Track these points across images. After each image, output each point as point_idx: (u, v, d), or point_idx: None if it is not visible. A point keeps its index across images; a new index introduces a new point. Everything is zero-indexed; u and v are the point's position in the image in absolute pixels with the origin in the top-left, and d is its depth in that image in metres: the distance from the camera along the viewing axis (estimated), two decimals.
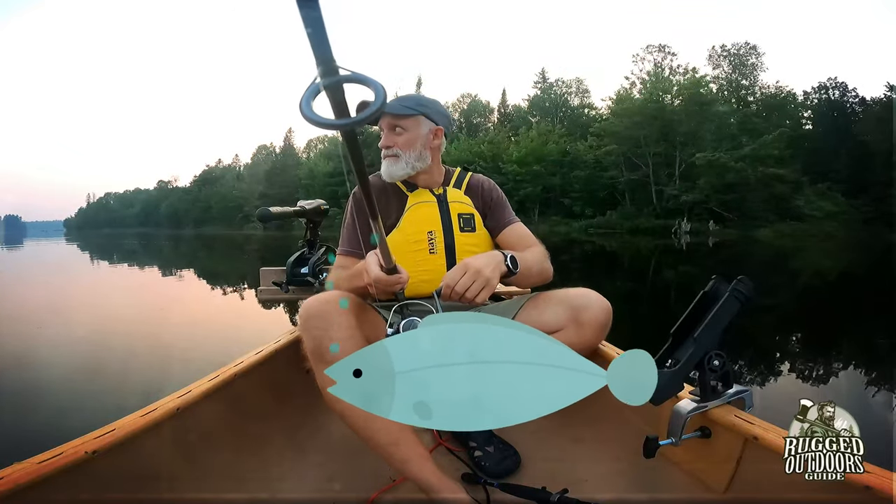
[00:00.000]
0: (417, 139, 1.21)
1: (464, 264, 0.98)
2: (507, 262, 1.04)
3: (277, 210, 1.72)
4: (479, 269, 0.97)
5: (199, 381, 1.07)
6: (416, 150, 1.21)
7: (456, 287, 0.95)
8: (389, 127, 1.21)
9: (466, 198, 1.30)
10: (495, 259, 1.02)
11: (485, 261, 1.00)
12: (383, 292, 0.97)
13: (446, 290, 0.96)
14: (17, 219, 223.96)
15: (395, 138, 1.20)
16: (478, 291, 0.96)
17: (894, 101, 26.20)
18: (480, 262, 0.99)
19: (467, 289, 0.95)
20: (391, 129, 1.21)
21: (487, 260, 1.01)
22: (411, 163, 1.21)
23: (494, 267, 1.00)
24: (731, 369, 0.90)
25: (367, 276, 0.95)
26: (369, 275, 0.94)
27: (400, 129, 1.20)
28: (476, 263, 0.98)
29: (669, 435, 0.88)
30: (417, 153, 1.21)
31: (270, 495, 1.05)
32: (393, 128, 1.20)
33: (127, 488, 0.84)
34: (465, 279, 0.96)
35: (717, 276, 0.91)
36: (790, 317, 5.04)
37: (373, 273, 0.93)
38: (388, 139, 1.21)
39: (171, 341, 3.93)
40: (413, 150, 1.21)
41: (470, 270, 0.97)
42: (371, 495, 1.01)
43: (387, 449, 0.92)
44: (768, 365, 3.18)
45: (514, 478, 1.09)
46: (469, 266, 0.97)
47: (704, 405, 0.89)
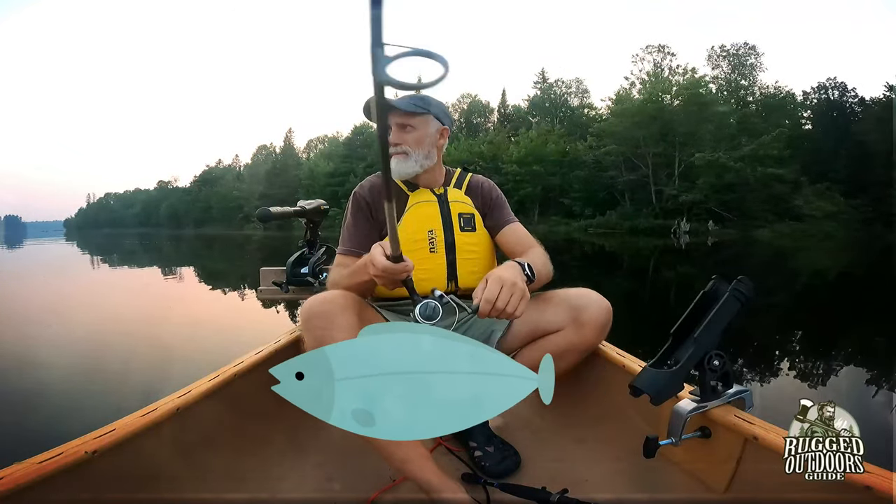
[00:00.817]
0: (426, 138, 1.21)
1: (499, 279, 0.93)
2: (526, 271, 1.02)
3: (277, 210, 1.72)
4: (515, 281, 0.93)
5: (199, 381, 1.07)
6: (425, 148, 1.21)
7: (498, 303, 0.90)
8: (399, 125, 1.19)
9: (467, 198, 1.30)
10: (518, 269, 1.00)
11: (515, 272, 0.97)
12: (390, 282, 0.92)
13: (485, 306, 0.90)
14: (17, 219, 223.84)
15: (405, 136, 1.19)
16: (517, 304, 0.91)
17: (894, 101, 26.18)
18: (512, 273, 0.95)
19: (507, 303, 0.91)
20: (401, 127, 1.19)
21: (516, 271, 0.98)
22: (420, 161, 1.21)
23: (521, 276, 0.97)
24: (731, 369, 0.89)
25: (372, 268, 0.90)
26: (376, 265, 0.89)
27: (410, 127, 1.19)
28: (509, 276, 0.94)
29: (669, 435, 0.88)
30: (426, 151, 1.21)
31: (270, 495, 1.05)
32: (403, 126, 1.19)
33: (127, 488, 0.84)
34: (504, 293, 0.91)
35: (717, 276, 0.91)
36: (790, 317, 5.05)
37: (380, 263, 0.88)
38: (397, 136, 1.19)
39: (171, 341, 3.93)
40: (422, 148, 1.21)
41: (507, 284, 0.92)
42: (371, 495, 1.01)
43: (387, 448, 0.92)
44: (768, 365, 3.18)
45: (514, 478, 1.09)
46: (505, 280, 0.92)
47: (704, 405, 0.89)
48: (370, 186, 1.27)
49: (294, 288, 1.82)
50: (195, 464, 0.99)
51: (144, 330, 4.42)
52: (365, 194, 1.25)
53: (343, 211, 1.30)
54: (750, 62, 35.28)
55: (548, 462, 1.16)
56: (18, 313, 5.35)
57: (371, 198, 1.24)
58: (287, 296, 1.84)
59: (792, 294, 6.49)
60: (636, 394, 0.85)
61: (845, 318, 5.02)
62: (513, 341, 1.16)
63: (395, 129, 1.19)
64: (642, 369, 0.89)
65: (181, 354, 3.45)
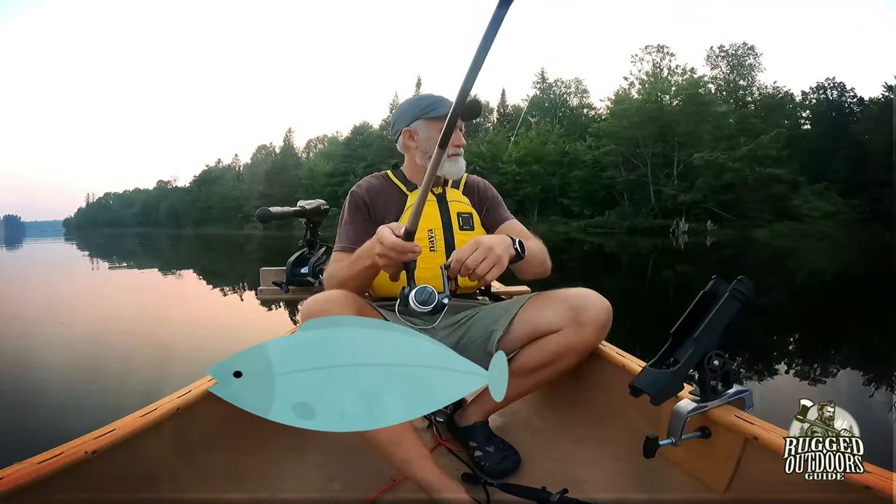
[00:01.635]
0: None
1: (475, 241, 0.93)
2: (516, 245, 1.02)
3: (278, 210, 1.72)
4: (491, 246, 0.92)
5: (199, 381, 1.07)
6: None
7: (467, 262, 0.90)
8: (459, 127, 1.26)
9: (465, 197, 1.32)
10: (505, 241, 0.99)
11: (496, 240, 0.96)
12: (394, 264, 0.89)
13: (456, 265, 0.91)
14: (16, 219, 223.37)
15: (461, 138, 1.26)
16: (488, 268, 0.91)
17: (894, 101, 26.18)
18: (492, 240, 0.95)
19: (479, 264, 0.90)
20: (459, 129, 1.25)
21: (498, 239, 0.97)
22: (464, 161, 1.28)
23: (505, 248, 0.96)
24: (731, 369, 0.89)
25: (379, 247, 0.88)
26: (384, 242, 0.86)
27: (461, 129, 1.26)
28: (487, 241, 0.94)
29: (669, 435, 0.88)
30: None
31: (270, 495, 1.05)
32: (460, 128, 1.26)
33: (127, 488, 0.84)
34: (476, 254, 0.91)
35: (717, 276, 0.91)
36: (789, 316, 5.06)
37: (388, 239, 0.85)
38: (459, 138, 1.25)
39: (171, 341, 3.93)
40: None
41: (482, 247, 0.92)
42: (371, 495, 1.01)
43: (388, 448, 0.92)
44: (768, 365, 3.18)
45: (514, 478, 1.09)
46: (481, 243, 0.93)
47: (704, 405, 0.89)
48: (368, 186, 1.27)
49: (294, 288, 1.82)
50: (195, 464, 0.99)
51: (144, 330, 4.42)
52: (363, 194, 1.26)
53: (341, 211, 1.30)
54: (749, 62, 35.40)
55: (548, 462, 1.16)
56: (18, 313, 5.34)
57: (369, 197, 1.25)
58: (287, 296, 1.84)
59: (790, 293, 6.50)
60: (636, 394, 0.85)
61: (844, 318, 5.03)
62: (513, 341, 1.16)
63: (457, 131, 1.24)
64: (642, 369, 0.89)
65: (181, 354, 3.45)
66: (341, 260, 1.17)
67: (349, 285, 1.07)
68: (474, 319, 1.21)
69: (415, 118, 1.24)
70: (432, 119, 1.22)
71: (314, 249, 1.87)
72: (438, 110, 1.21)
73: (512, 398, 1.21)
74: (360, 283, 1.08)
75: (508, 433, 1.27)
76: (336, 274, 1.12)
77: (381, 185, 1.29)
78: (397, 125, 1.28)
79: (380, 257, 0.88)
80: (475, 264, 0.90)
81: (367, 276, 1.06)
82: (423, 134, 1.24)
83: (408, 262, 0.88)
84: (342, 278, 1.08)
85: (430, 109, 1.22)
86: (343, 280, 1.08)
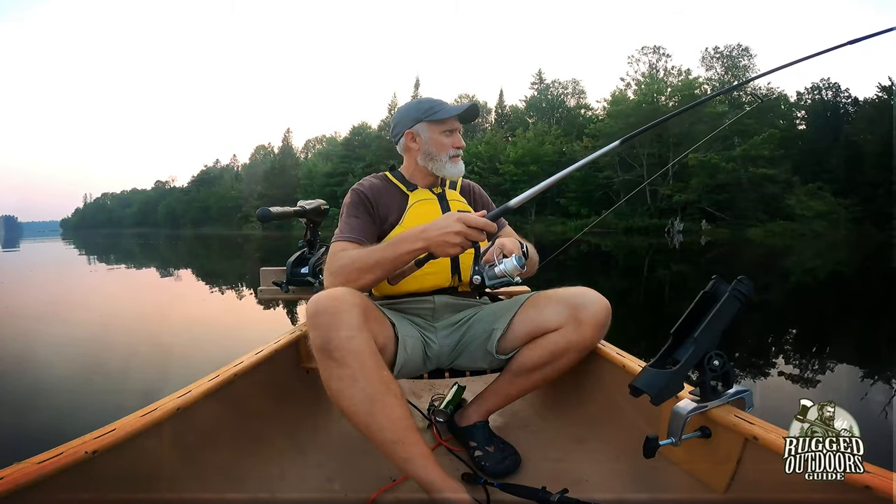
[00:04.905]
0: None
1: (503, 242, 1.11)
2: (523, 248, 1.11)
3: (278, 210, 1.72)
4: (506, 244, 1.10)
5: (199, 381, 1.06)
6: None
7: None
8: (459, 129, 1.30)
9: (462, 198, 1.36)
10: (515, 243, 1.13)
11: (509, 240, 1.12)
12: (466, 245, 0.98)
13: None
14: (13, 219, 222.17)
15: (461, 140, 1.30)
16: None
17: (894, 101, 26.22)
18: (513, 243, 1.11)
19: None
20: (458, 131, 1.30)
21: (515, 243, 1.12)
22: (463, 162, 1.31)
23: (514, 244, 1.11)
24: (731, 369, 0.89)
25: (458, 226, 0.96)
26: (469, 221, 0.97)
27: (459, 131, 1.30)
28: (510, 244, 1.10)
29: (669, 435, 0.88)
30: None
31: (270, 495, 1.05)
32: (460, 130, 1.30)
33: (127, 488, 0.83)
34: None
35: (717, 276, 0.92)
36: (787, 316, 5.07)
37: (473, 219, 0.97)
38: (459, 140, 1.29)
39: (171, 341, 3.92)
40: None
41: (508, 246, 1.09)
42: (371, 495, 1.01)
43: (389, 447, 0.92)
44: (767, 365, 3.19)
45: (514, 478, 1.09)
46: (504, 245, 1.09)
47: (704, 405, 0.89)
48: (370, 185, 1.28)
49: (294, 288, 1.82)
50: (195, 464, 0.99)
51: (144, 330, 4.40)
52: (366, 191, 1.26)
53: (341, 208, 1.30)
54: (743, 64, 35.43)
55: (548, 462, 1.17)
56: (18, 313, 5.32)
57: (372, 195, 1.25)
58: (287, 296, 1.84)
59: (785, 292, 6.52)
60: (636, 394, 0.85)
61: (842, 317, 5.05)
62: (513, 340, 1.16)
63: (457, 133, 1.29)
64: (642, 369, 0.89)
65: (181, 354, 3.43)
66: (347, 249, 1.13)
67: (376, 271, 1.05)
68: (474, 319, 1.22)
69: (417, 121, 1.26)
70: (434, 122, 1.25)
71: (314, 249, 1.87)
72: (440, 114, 1.25)
73: (512, 397, 1.22)
74: (394, 268, 1.05)
75: (508, 433, 1.27)
76: (358, 259, 1.07)
77: (382, 184, 1.29)
78: (399, 127, 1.29)
79: (456, 235, 0.97)
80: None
81: (403, 262, 1.04)
82: (425, 136, 1.26)
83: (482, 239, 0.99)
84: (373, 262, 1.05)
85: (432, 113, 1.25)
86: (373, 264, 1.04)
